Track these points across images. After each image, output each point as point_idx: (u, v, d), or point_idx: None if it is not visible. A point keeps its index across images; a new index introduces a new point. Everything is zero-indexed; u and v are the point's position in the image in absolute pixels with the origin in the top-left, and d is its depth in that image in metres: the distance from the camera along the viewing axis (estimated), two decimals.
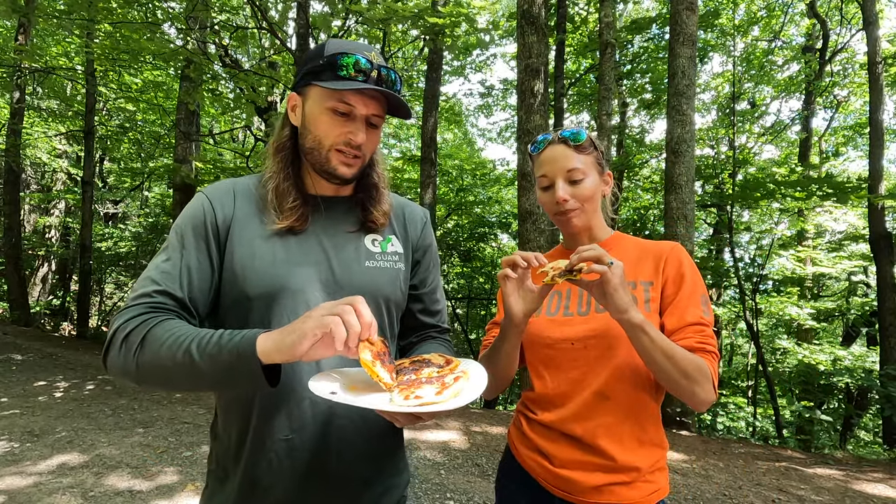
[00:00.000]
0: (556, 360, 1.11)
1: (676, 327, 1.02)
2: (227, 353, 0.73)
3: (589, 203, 1.12)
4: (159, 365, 0.76)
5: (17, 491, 2.90)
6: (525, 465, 1.14)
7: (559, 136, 1.12)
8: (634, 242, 1.17)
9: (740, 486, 3.58)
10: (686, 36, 5.71)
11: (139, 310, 0.82)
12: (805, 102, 11.14)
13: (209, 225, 0.91)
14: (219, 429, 0.96)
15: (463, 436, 4.47)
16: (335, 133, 0.91)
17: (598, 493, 1.03)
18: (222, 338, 0.75)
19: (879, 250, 7.02)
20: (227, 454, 0.92)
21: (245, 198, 0.96)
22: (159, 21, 6.74)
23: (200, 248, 0.90)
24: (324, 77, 0.89)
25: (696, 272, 1.08)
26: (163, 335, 0.77)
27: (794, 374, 8.06)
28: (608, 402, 1.05)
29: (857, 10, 9.51)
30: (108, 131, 12.82)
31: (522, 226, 6.32)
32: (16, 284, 10.01)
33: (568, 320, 1.10)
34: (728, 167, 8.97)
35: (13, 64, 8.78)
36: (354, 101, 0.90)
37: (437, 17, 6.20)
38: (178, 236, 0.91)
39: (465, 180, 12.74)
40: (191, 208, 0.94)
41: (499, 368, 1.09)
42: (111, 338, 0.81)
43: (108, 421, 4.35)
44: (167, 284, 0.85)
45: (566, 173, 1.10)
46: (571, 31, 10.92)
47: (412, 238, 1.08)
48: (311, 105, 0.93)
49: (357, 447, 0.92)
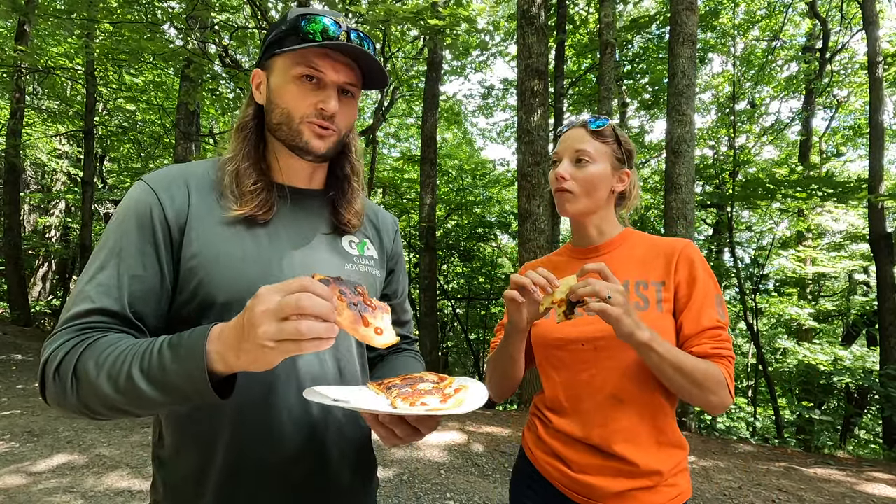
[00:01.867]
0: (565, 362, 1.09)
1: (693, 332, 1.01)
2: (175, 373, 0.62)
3: (588, 187, 1.09)
4: (103, 396, 0.64)
5: (17, 491, 2.90)
6: (542, 469, 1.11)
7: (581, 120, 1.14)
8: (645, 239, 1.14)
9: (740, 486, 3.58)
10: (686, 36, 5.71)
11: (69, 334, 0.70)
12: (805, 102, 11.14)
13: (157, 222, 0.76)
14: (166, 453, 0.82)
15: (463, 436, 4.47)
16: (305, 104, 0.81)
17: (620, 498, 1.00)
18: (167, 355, 0.63)
19: (879, 250, 7.02)
20: (186, 482, 0.79)
21: (201, 186, 0.82)
22: (159, 21, 6.74)
23: (146, 252, 0.75)
24: (287, 43, 0.80)
25: (709, 271, 1.06)
26: (99, 359, 0.65)
27: (794, 374, 8.07)
28: (622, 405, 1.02)
29: (857, 10, 9.51)
30: (108, 131, 12.82)
31: (522, 226, 6.31)
32: (16, 284, 10.01)
33: (576, 321, 1.06)
34: (728, 167, 8.97)
35: (13, 64, 8.77)
36: (323, 67, 0.80)
37: (436, 17, 6.20)
38: (115, 238, 0.76)
39: (465, 180, 12.74)
40: (131, 201, 0.78)
41: (505, 370, 1.09)
42: (42, 371, 0.69)
43: (108, 421, 4.35)
44: (102, 301, 0.72)
45: (574, 152, 1.10)
46: (571, 31, 10.91)
47: (386, 245, 1.03)
48: (276, 77, 0.83)
49: (331, 458, 0.86)
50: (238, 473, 0.78)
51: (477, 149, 18.60)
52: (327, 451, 0.85)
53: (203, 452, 0.78)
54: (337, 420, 0.87)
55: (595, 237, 1.15)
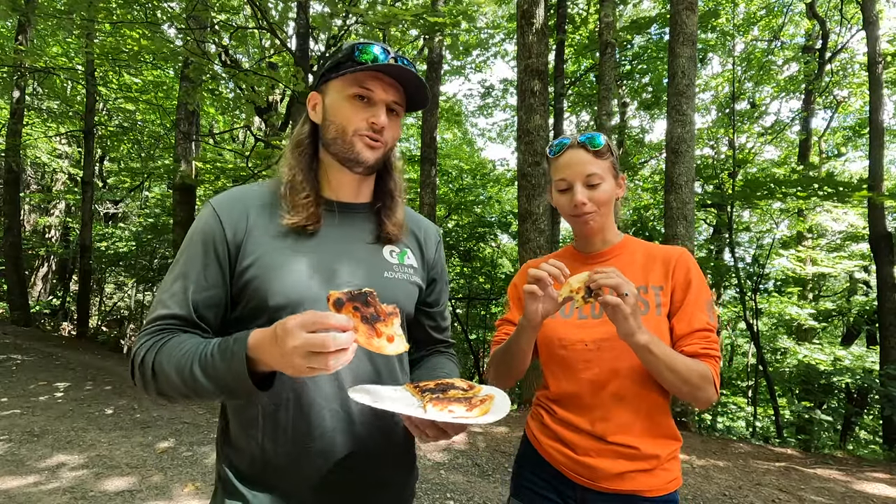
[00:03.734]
0: (569, 361, 1.15)
1: (684, 333, 1.10)
2: (224, 371, 0.77)
3: (605, 207, 1.16)
4: (173, 386, 0.81)
5: (17, 491, 2.90)
6: (546, 454, 1.18)
7: (578, 140, 1.16)
8: (644, 247, 1.22)
9: (740, 486, 3.58)
10: (686, 36, 5.71)
11: (149, 335, 0.86)
12: (805, 102, 11.14)
13: (218, 242, 0.90)
14: (233, 439, 0.95)
15: (463, 436, 4.47)
16: (358, 118, 0.92)
17: (620, 479, 1.08)
18: (220, 353, 0.78)
19: (879, 250, 7.02)
20: (251, 465, 0.92)
21: (259, 205, 0.95)
22: (159, 21, 6.74)
23: (209, 266, 0.90)
24: (342, 67, 0.91)
25: (703, 278, 1.15)
26: (167, 360, 0.81)
27: (794, 374, 8.07)
28: (623, 402, 1.10)
29: (856, 10, 9.51)
30: (108, 131, 12.82)
31: (522, 226, 6.31)
32: (16, 284, 10.01)
33: (582, 323, 1.15)
34: (728, 167, 8.97)
35: (13, 64, 8.77)
36: (374, 87, 0.91)
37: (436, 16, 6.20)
38: (186, 255, 0.91)
39: (465, 180, 12.73)
40: (200, 223, 0.93)
41: (511, 364, 1.16)
42: (130, 363, 0.87)
43: (108, 421, 4.35)
44: (174, 308, 0.88)
45: (585, 178, 1.14)
46: (571, 31, 10.91)
47: (428, 256, 1.10)
48: (331, 98, 0.94)
49: (373, 452, 0.94)
50: (288, 455, 0.89)
51: (477, 149, 18.61)
52: (371, 443, 0.94)
53: (263, 438, 0.90)
54: (379, 415, 0.96)
55: (600, 245, 1.23)
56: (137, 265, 13.11)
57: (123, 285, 15.17)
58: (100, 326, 12.37)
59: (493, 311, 11.09)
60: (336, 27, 7.81)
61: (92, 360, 7.25)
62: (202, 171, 9.56)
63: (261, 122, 12.21)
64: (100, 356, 7.77)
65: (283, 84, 7.10)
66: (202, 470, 3.37)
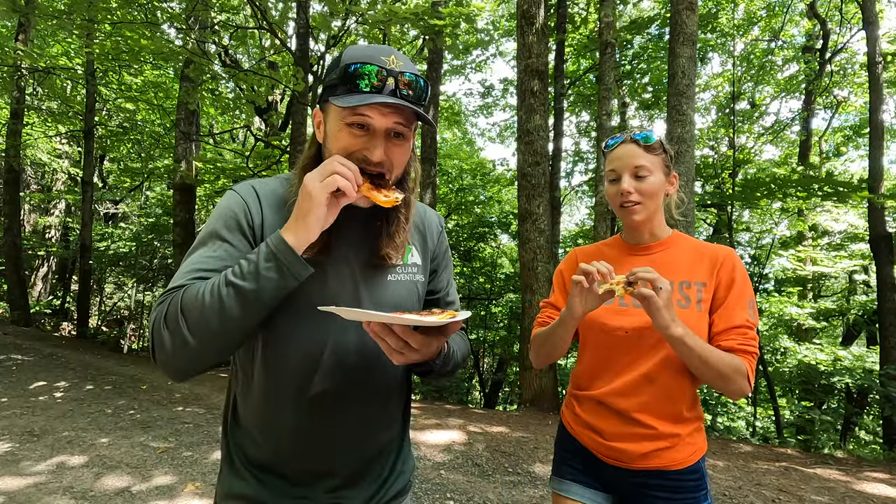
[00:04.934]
0: (608, 344, 1.23)
1: (723, 329, 1.16)
2: (265, 259, 0.77)
3: (651, 199, 1.22)
4: (208, 315, 0.76)
5: (17, 491, 2.90)
6: (580, 439, 1.29)
7: (631, 136, 1.24)
8: (691, 243, 1.28)
9: (740, 486, 3.58)
10: (686, 36, 5.71)
11: (165, 297, 0.82)
12: (805, 102, 11.13)
13: (244, 220, 0.90)
14: (240, 419, 0.99)
15: (463, 436, 4.47)
16: (356, 151, 0.88)
17: (645, 458, 1.17)
18: (248, 257, 0.79)
19: (879, 250, 7.02)
20: (257, 447, 0.96)
21: (272, 205, 0.93)
22: (159, 21, 6.74)
23: (236, 238, 0.88)
24: (338, 92, 0.86)
25: (746, 277, 1.20)
26: (195, 293, 0.78)
27: (794, 374, 8.06)
28: (652, 384, 1.18)
29: (857, 10, 9.51)
30: (108, 131, 12.82)
31: (522, 226, 6.32)
32: (16, 284, 10.01)
33: (623, 310, 1.21)
34: (728, 167, 8.97)
35: (13, 64, 8.78)
36: (371, 113, 0.85)
37: (437, 17, 6.20)
38: (208, 230, 0.89)
39: (465, 180, 12.74)
40: (225, 204, 0.92)
41: (554, 349, 1.25)
42: (152, 335, 0.80)
43: (108, 421, 4.35)
44: (197, 274, 0.84)
45: (633, 168, 1.21)
46: (571, 31, 10.91)
47: (430, 247, 1.09)
48: (331, 122, 0.90)
49: (371, 421, 0.98)
50: (310, 403, 0.92)
51: (477, 149, 18.61)
52: (371, 388, 0.98)
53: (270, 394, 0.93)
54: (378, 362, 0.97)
55: (647, 238, 1.29)
56: (137, 265, 13.11)
57: (123, 285, 15.17)
58: (100, 326, 12.37)
59: (493, 311, 11.07)
60: (336, 27, 7.81)
61: (92, 360, 7.25)
62: (202, 171, 9.56)
63: (261, 122, 12.22)
64: (100, 356, 7.77)
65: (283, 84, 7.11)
66: (202, 470, 3.37)
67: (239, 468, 0.97)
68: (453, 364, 1.01)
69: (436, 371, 0.95)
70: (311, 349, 0.91)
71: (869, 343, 9.20)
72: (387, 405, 1.02)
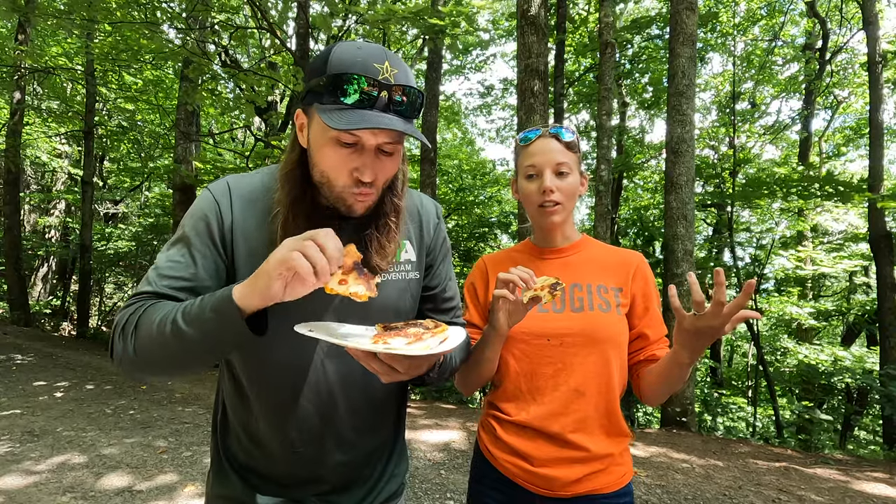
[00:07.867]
0: (528, 355, 1.13)
1: (656, 339, 1.17)
2: (210, 310, 0.72)
3: (570, 200, 1.17)
4: (153, 344, 0.75)
5: (17, 491, 2.90)
6: (502, 468, 1.14)
7: (549, 131, 1.16)
8: (601, 247, 1.24)
9: (741, 486, 3.58)
10: (686, 36, 5.71)
11: (135, 301, 0.81)
12: (805, 102, 11.13)
13: (214, 223, 0.86)
14: (229, 423, 0.98)
15: (463, 436, 4.47)
16: (344, 172, 0.81)
17: (578, 484, 1.08)
18: (203, 300, 0.74)
19: (879, 250, 7.02)
20: (244, 451, 0.96)
21: (246, 204, 0.88)
22: (159, 21, 6.74)
23: (203, 244, 0.86)
24: (325, 100, 0.78)
25: (656, 285, 1.23)
26: (153, 315, 0.76)
27: (794, 374, 8.07)
28: (583, 398, 1.10)
29: (857, 10, 9.51)
30: (108, 131, 12.82)
31: (522, 226, 6.31)
32: (16, 284, 10.01)
33: (543, 316, 1.13)
34: (728, 167, 8.97)
35: (13, 64, 8.78)
36: (360, 133, 0.79)
37: (437, 17, 6.19)
38: (181, 233, 0.87)
39: (465, 180, 12.74)
40: (198, 205, 0.89)
41: (483, 370, 1.12)
42: (111, 334, 0.81)
43: (108, 421, 4.35)
44: (157, 286, 0.82)
45: (555, 165, 1.14)
46: (571, 31, 10.91)
47: (426, 240, 1.02)
48: (315, 131, 0.82)
49: (360, 425, 0.97)
50: (280, 428, 0.92)
51: (477, 149, 18.61)
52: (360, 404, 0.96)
53: (246, 427, 0.94)
54: (364, 381, 0.94)
55: (560, 241, 1.23)
56: (137, 265, 13.11)
57: (123, 285, 15.17)
58: (100, 326, 12.36)
59: None
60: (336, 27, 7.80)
61: (92, 360, 7.25)
62: (202, 171, 9.55)
63: (261, 122, 12.22)
64: (100, 356, 7.76)
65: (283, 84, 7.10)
66: (202, 470, 3.37)
67: (228, 471, 0.96)
68: (451, 371, 0.98)
69: (430, 382, 0.92)
70: (298, 358, 0.89)
71: (869, 343, 9.20)
72: (378, 412, 0.99)
